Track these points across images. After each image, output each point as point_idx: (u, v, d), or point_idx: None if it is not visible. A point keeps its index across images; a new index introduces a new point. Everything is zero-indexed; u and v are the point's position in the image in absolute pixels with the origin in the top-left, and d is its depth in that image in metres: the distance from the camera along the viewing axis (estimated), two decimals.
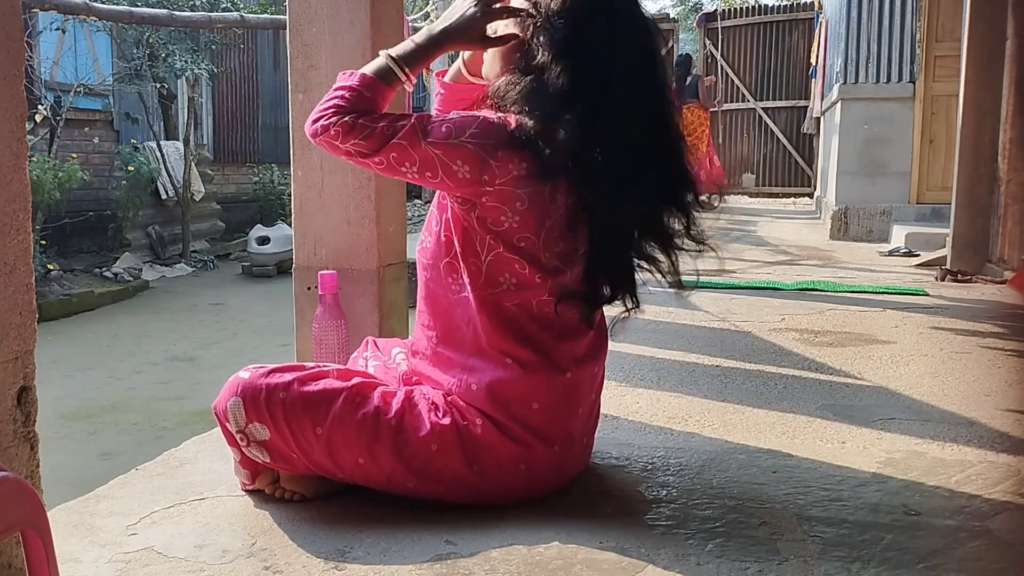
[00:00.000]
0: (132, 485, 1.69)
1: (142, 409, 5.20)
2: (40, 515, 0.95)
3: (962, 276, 4.70)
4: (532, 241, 1.47)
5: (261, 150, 13.58)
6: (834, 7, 8.41)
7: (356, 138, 1.44)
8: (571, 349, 1.53)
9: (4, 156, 1.15)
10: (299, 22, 2.37)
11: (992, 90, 4.84)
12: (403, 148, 1.43)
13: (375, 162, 1.46)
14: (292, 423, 1.46)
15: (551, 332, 1.50)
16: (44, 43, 9.20)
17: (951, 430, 2.03)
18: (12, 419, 1.19)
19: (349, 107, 1.47)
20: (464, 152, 1.42)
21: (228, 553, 1.38)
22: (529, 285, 1.48)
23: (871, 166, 7.24)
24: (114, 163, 10.15)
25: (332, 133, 1.45)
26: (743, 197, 12.16)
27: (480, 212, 1.47)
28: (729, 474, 1.72)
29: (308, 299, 2.38)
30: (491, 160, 1.42)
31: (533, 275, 1.48)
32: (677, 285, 1.58)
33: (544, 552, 1.36)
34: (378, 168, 1.47)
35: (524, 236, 1.47)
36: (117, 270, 9.13)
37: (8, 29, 1.15)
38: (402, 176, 1.48)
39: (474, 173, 1.43)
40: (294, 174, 2.42)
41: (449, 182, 1.45)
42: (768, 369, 2.64)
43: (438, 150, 1.42)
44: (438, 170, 1.43)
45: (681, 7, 25.04)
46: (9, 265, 1.17)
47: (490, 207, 1.46)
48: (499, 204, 1.45)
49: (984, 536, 1.45)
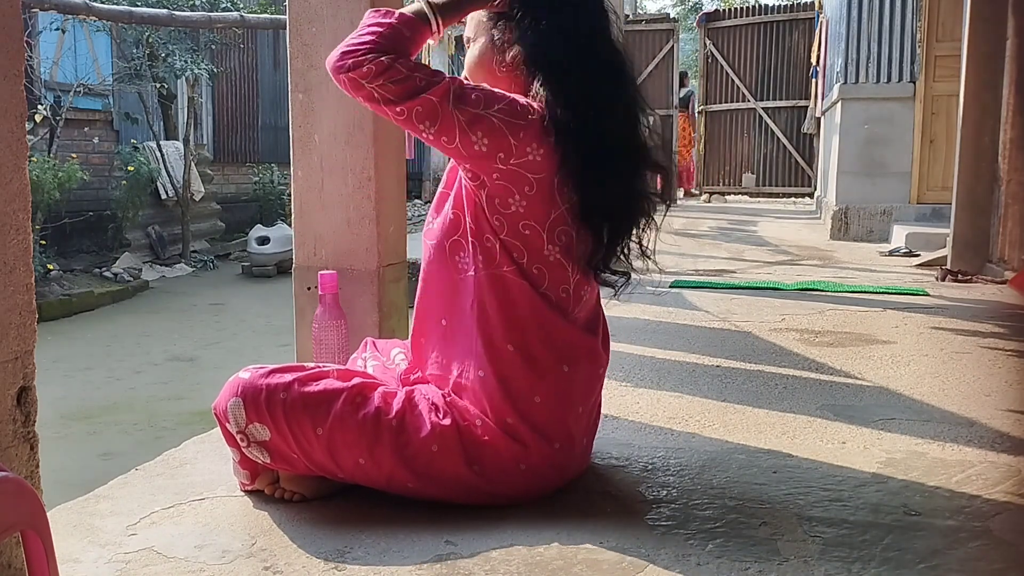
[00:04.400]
0: (132, 485, 1.69)
1: (142, 409, 5.20)
2: (40, 515, 0.94)
3: (962, 276, 4.70)
4: (537, 231, 1.47)
5: (261, 150, 13.57)
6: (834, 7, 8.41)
7: (388, 80, 1.39)
8: (570, 343, 1.53)
9: (4, 156, 1.15)
10: (299, 22, 2.37)
11: (992, 90, 4.84)
12: (431, 104, 1.40)
13: (396, 111, 1.42)
14: (292, 423, 1.46)
15: (551, 323, 1.50)
16: (44, 43, 9.19)
17: (951, 430, 2.03)
18: (12, 419, 1.18)
19: (386, 45, 1.42)
20: (488, 124, 1.41)
21: (228, 553, 1.38)
22: (527, 274, 1.48)
23: (871, 166, 7.23)
24: (114, 163, 10.15)
25: (364, 71, 1.39)
26: (743, 197, 12.18)
27: (489, 190, 1.46)
28: (729, 474, 1.72)
29: (308, 299, 2.37)
30: (511, 138, 1.42)
31: (531, 266, 1.48)
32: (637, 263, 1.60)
33: (544, 552, 1.36)
34: (396, 117, 1.43)
35: (529, 224, 1.47)
36: (117, 270, 9.13)
37: (8, 29, 1.15)
38: (416, 132, 1.45)
39: (491, 148, 1.42)
40: (294, 174, 2.42)
41: (463, 151, 1.43)
42: (768, 369, 2.64)
43: (463, 116, 1.40)
44: (455, 136, 1.41)
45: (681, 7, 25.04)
46: (9, 265, 1.17)
47: (499, 186, 1.45)
48: (508, 184, 1.45)
49: (984, 536, 1.45)
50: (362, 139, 2.34)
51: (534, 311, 1.49)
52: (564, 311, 1.52)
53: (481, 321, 1.49)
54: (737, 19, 12.23)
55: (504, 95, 1.46)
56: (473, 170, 1.47)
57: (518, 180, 1.44)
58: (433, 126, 1.41)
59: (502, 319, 1.48)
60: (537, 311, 1.49)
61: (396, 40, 1.44)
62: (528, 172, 1.44)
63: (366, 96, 1.42)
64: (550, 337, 1.50)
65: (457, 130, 1.41)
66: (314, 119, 2.38)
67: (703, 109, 12.40)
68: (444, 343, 1.55)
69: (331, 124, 2.36)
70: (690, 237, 7.29)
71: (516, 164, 1.43)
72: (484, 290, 1.49)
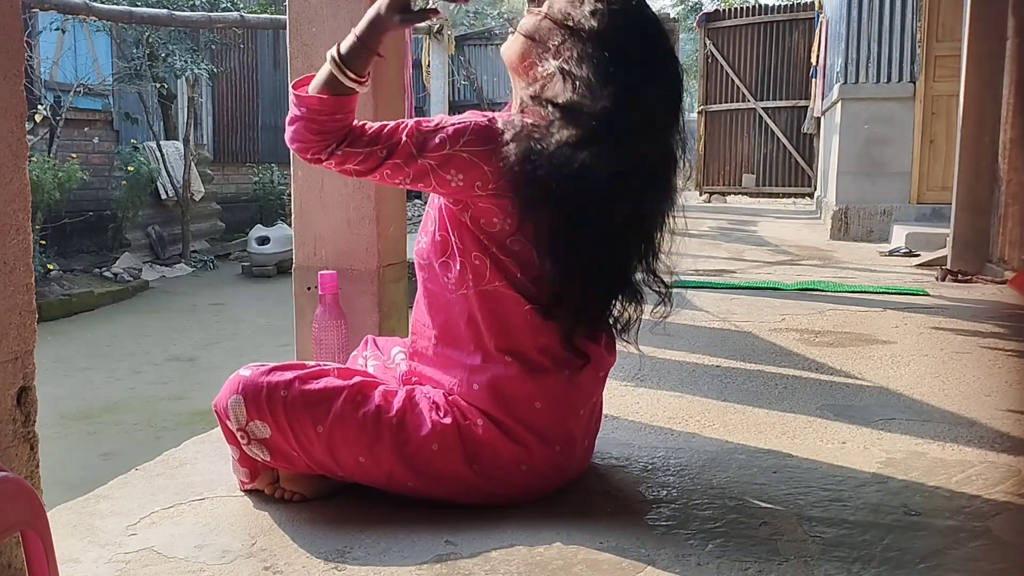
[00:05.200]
0: (132, 485, 1.69)
1: (142, 409, 5.20)
2: (40, 515, 0.94)
3: (962, 276, 4.70)
4: (524, 245, 1.47)
5: (261, 150, 13.58)
6: (834, 7, 8.41)
7: (351, 164, 1.47)
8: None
9: (4, 156, 1.15)
10: (299, 22, 2.37)
11: (992, 90, 4.84)
12: (398, 166, 1.46)
13: (370, 178, 1.50)
14: (293, 421, 1.46)
15: (548, 332, 1.50)
16: (44, 43, 9.20)
17: (951, 430, 2.03)
18: (12, 419, 1.18)
19: (327, 137, 1.46)
20: (458, 161, 1.43)
21: (228, 553, 1.38)
22: (520, 287, 1.48)
23: (871, 166, 7.23)
24: (114, 163, 10.15)
25: (324, 164, 1.49)
26: (743, 197, 12.18)
27: (473, 213, 1.48)
28: (729, 474, 1.72)
29: (308, 299, 2.37)
30: (485, 167, 1.42)
31: (525, 278, 1.48)
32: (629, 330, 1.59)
33: (544, 552, 1.36)
34: (372, 179, 1.51)
35: (518, 240, 1.47)
36: (117, 270, 9.13)
37: (8, 29, 1.15)
38: (395, 185, 1.53)
39: (467, 181, 1.44)
40: (294, 174, 2.42)
41: (442, 189, 1.47)
42: (768, 369, 2.64)
43: (432, 161, 1.43)
44: (431, 181, 1.45)
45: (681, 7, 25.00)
46: (9, 265, 1.17)
47: (483, 208, 1.47)
48: (492, 206, 1.46)
49: (984, 536, 1.45)
50: None
51: (529, 322, 1.49)
52: None
53: (476, 336, 1.50)
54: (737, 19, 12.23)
55: (466, 124, 1.44)
56: (456, 198, 1.49)
57: (500, 202, 1.45)
58: (408, 179, 1.47)
59: (498, 332, 1.48)
60: (532, 322, 1.49)
61: (331, 129, 1.45)
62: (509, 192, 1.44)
63: (340, 174, 1.52)
64: (548, 345, 1.50)
65: (431, 175, 1.44)
66: None
67: (703, 109, 12.40)
68: (440, 356, 1.55)
69: None
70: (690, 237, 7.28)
71: (495, 188, 1.44)
72: (476, 307, 1.49)
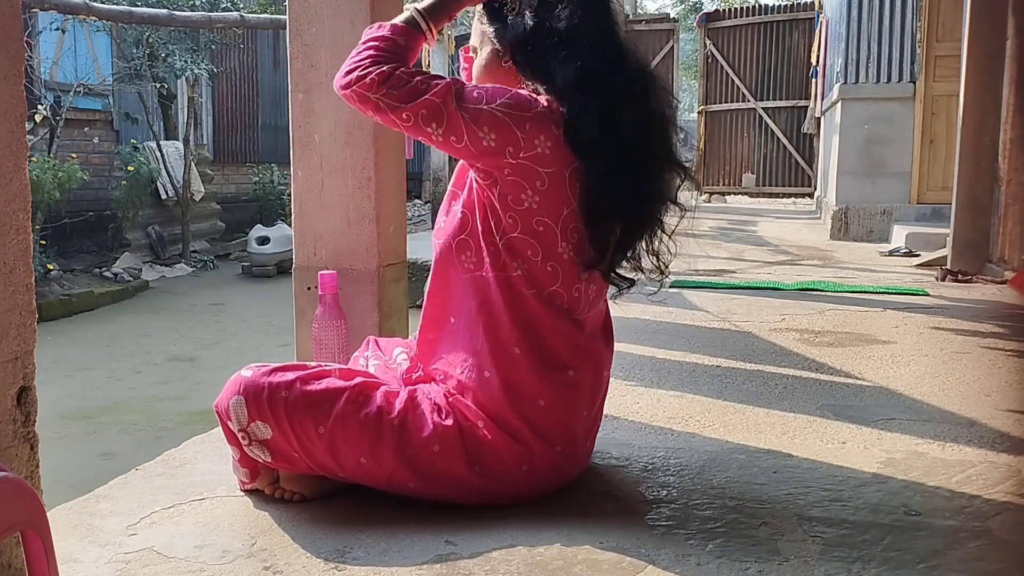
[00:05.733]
0: (132, 485, 1.69)
1: (142, 409, 5.20)
2: (40, 515, 0.94)
3: (962, 276, 4.70)
4: (550, 227, 1.47)
5: (261, 150, 13.58)
6: (834, 7, 8.41)
7: (391, 87, 1.44)
8: (577, 347, 1.53)
9: (4, 156, 1.15)
10: (299, 22, 2.37)
11: (992, 90, 4.84)
12: (434, 106, 1.43)
13: (402, 117, 1.45)
14: (294, 422, 1.46)
15: (558, 327, 1.50)
16: (44, 43, 9.20)
17: (951, 430, 2.03)
18: (12, 419, 1.18)
19: (385, 57, 1.47)
20: (493, 119, 1.42)
21: (228, 553, 1.38)
22: (538, 273, 1.48)
23: (871, 166, 7.24)
24: (114, 163, 10.15)
25: (367, 82, 1.44)
26: (743, 197, 12.18)
27: (502, 188, 1.47)
28: (729, 474, 1.72)
29: (308, 299, 2.37)
30: (518, 131, 1.43)
31: (545, 263, 1.48)
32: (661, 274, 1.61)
33: (545, 552, 1.36)
34: (404, 124, 1.46)
35: (543, 220, 1.47)
36: (117, 270, 9.14)
37: (8, 29, 1.15)
38: (425, 137, 1.47)
39: (499, 142, 1.43)
40: (294, 174, 2.42)
41: (473, 148, 1.44)
42: (768, 369, 2.64)
43: (467, 114, 1.43)
44: (463, 135, 1.43)
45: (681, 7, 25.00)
46: (9, 265, 1.17)
47: (511, 182, 1.46)
48: (520, 180, 1.45)
49: (984, 536, 1.45)
50: (362, 139, 2.34)
51: (542, 314, 1.49)
52: (573, 314, 1.52)
53: (488, 322, 1.49)
54: (737, 19, 12.23)
55: (506, 89, 1.47)
56: (484, 168, 1.47)
57: (529, 175, 1.45)
58: (440, 127, 1.44)
59: (510, 321, 1.48)
60: (545, 314, 1.49)
61: (393, 50, 1.50)
62: (538, 166, 1.44)
63: (373, 107, 1.46)
64: (557, 341, 1.50)
65: (464, 128, 1.43)
66: (314, 119, 2.38)
67: (703, 109, 12.41)
68: (451, 341, 1.55)
69: (331, 124, 2.36)
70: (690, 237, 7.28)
71: (526, 158, 1.44)
72: (492, 291, 1.49)
